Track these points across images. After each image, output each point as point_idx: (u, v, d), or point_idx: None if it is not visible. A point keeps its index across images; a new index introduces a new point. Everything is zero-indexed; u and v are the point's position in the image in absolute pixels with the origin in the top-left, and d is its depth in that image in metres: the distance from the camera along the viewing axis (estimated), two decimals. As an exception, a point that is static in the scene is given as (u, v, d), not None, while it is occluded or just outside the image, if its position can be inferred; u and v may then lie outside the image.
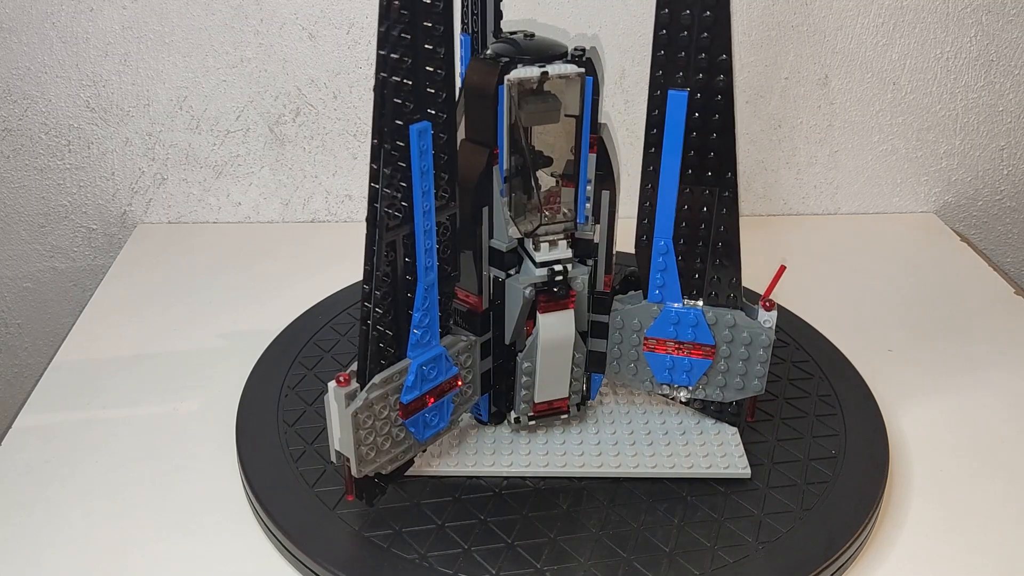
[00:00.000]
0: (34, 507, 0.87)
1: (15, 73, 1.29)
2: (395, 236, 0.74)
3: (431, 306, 0.79)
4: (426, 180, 0.74)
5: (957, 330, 1.17)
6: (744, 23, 1.32)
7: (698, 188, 0.82)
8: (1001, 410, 1.02)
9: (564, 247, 0.83)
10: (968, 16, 1.34)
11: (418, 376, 0.80)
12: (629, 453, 0.88)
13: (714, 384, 0.89)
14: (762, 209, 1.46)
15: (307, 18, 1.29)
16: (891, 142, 1.42)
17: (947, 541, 0.85)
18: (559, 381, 0.88)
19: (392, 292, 0.76)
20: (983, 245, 1.49)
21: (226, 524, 0.85)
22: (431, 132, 0.73)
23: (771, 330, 0.85)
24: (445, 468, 0.87)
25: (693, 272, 0.86)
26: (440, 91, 0.72)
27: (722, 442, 0.90)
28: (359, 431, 0.76)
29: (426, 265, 0.77)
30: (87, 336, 1.13)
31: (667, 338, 0.88)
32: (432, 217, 0.76)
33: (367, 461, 0.78)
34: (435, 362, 0.81)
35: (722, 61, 0.77)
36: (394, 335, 0.78)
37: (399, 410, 0.79)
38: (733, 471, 0.87)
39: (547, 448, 0.90)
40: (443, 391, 0.83)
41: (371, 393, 0.76)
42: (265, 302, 1.20)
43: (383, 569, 0.77)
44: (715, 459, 0.88)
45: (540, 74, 0.77)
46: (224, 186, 1.39)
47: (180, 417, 0.99)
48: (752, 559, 0.78)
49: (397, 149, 0.71)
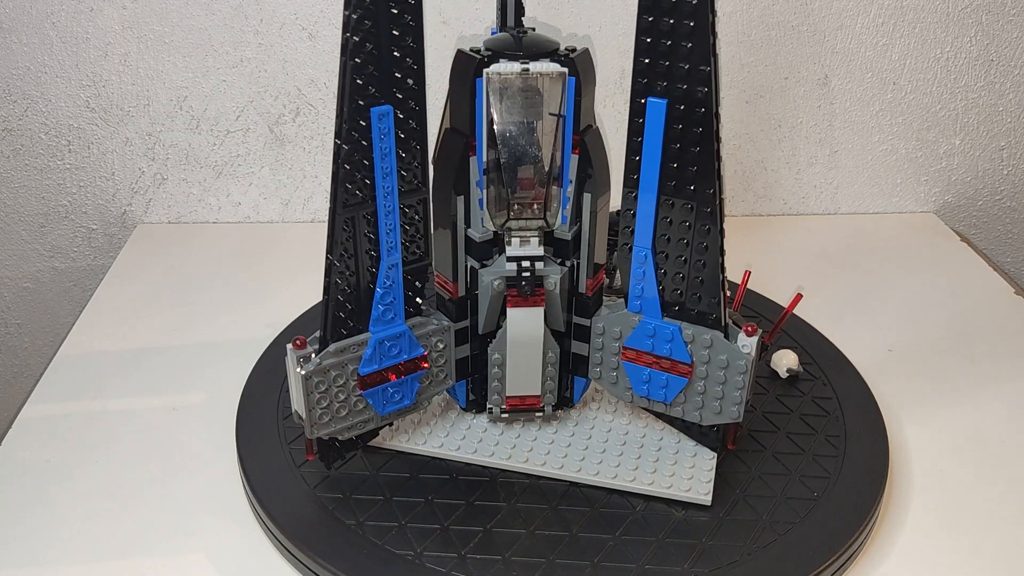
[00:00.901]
0: (34, 507, 0.87)
1: (15, 73, 1.29)
2: (354, 212, 0.78)
3: (395, 285, 0.82)
4: (387, 162, 0.77)
5: (957, 330, 1.17)
6: (744, 23, 1.32)
7: (678, 201, 0.80)
8: (1001, 410, 1.02)
9: (536, 244, 0.83)
10: (968, 16, 1.34)
11: (376, 350, 0.82)
12: (594, 460, 0.87)
13: (691, 404, 0.86)
14: (762, 209, 1.46)
15: (307, 18, 1.29)
16: (891, 142, 1.42)
17: (947, 541, 0.85)
18: (530, 378, 0.88)
19: (354, 266, 0.80)
20: (983, 245, 1.49)
21: (226, 524, 0.85)
22: (392, 116, 0.76)
23: (749, 356, 0.81)
24: (408, 444, 0.89)
25: (673, 287, 0.83)
26: (407, 78, 0.75)
27: (694, 464, 0.87)
28: (311, 394, 0.80)
29: (389, 245, 0.80)
30: (87, 336, 1.13)
31: (644, 350, 0.85)
32: (394, 199, 0.79)
33: (320, 424, 0.82)
34: (397, 339, 0.83)
35: (702, 71, 0.75)
36: (356, 308, 0.81)
37: (357, 381, 0.82)
38: (693, 496, 0.84)
39: (516, 442, 0.90)
40: (407, 370, 0.85)
41: (325, 359, 0.80)
42: (265, 302, 1.20)
43: (383, 569, 0.77)
44: (679, 481, 0.85)
45: (521, 70, 0.77)
46: (224, 186, 1.39)
47: (180, 417, 0.99)
48: (746, 561, 0.78)
49: (357, 129, 0.75)
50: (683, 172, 0.79)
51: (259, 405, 0.96)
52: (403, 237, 0.81)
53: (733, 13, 1.31)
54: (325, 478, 0.86)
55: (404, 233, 0.81)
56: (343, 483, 0.85)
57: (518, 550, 0.79)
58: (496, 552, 0.79)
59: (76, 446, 0.95)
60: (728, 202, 1.43)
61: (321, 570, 0.78)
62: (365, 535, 0.80)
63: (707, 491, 0.84)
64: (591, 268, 0.85)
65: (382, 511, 0.83)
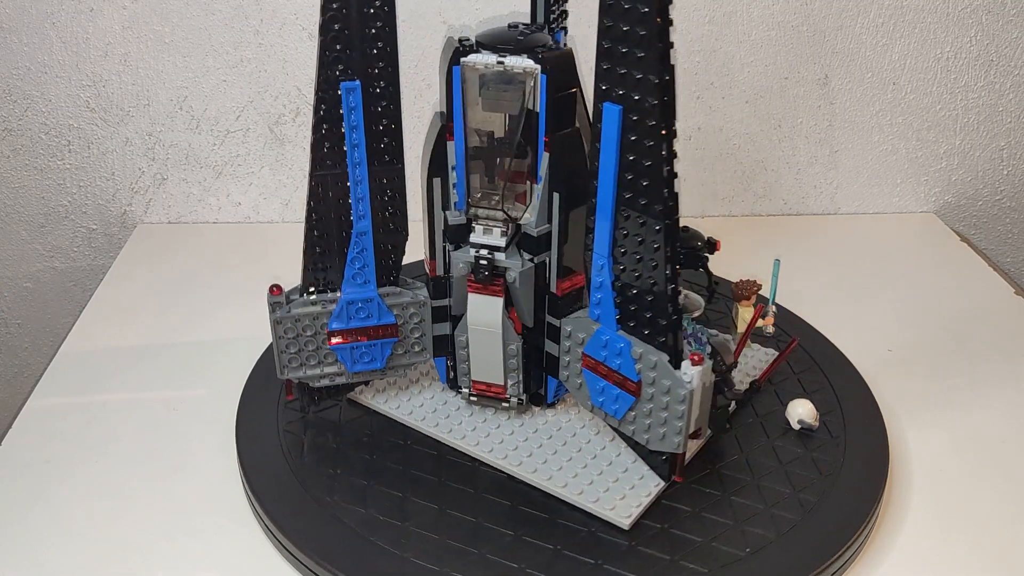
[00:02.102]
0: (34, 507, 0.87)
1: (15, 73, 1.29)
2: (325, 174, 0.84)
3: (365, 252, 0.87)
4: (356, 134, 0.82)
5: (957, 330, 1.17)
6: (744, 23, 1.32)
7: (632, 213, 0.78)
8: (1001, 410, 1.02)
9: (498, 235, 0.84)
10: (968, 16, 1.34)
11: (344, 310, 0.88)
12: (539, 459, 0.87)
13: (639, 426, 0.83)
14: (762, 209, 1.46)
15: (307, 18, 1.29)
16: (891, 142, 1.42)
17: (947, 541, 0.85)
18: (493, 366, 0.89)
19: (330, 227, 0.86)
20: (983, 245, 1.49)
21: (226, 524, 0.85)
22: (360, 91, 0.81)
23: (690, 386, 0.78)
24: (384, 405, 0.94)
25: (628, 301, 0.81)
26: (379, 60, 0.81)
27: (635, 487, 0.84)
28: (280, 338, 0.89)
29: (359, 213, 0.86)
30: (87, 336, 1.13)
31: (599, 360, 0.84)
32: (363, 170, 0.84)
33: (290, 368, 0.90)
34: (366, 304, 0.89)
35: (651, 82, 0.73)
36: (331, 266, 0.88)
37: (326, 335, 0.89)
38: (613, 516, 0.81)
39: (479, 426, 0.91)
40: (378, 335, 0.90)
41: (295, 308, 0.88)
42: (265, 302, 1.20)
43: (383, 569, 0.77)
44: (610, 498, 0.82)
45: (496, 63, 0.79)
46: (224, 186, 1.39)
47: (180, 417, 0.99)
48: (747, 561, 0.78)
49: (326, 101, 0.81)
50: (635, 184, 0.77)
51: (259, 405, 0.96)
52: (375, 208, 0.86)
53: (733, 13, 1.31)
54: (324, 475, 0.86)
55: (376, 204, 0.86)
56: (343, 482, 0.85)
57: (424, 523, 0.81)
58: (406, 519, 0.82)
59: (76, 446, 0.95)
60: (728, 202, 1.44)
61: (321, 570, 0.78)
62: (365, 535, 0.80)
63: (629, 515, 0.81)
64: (560, 269, 0.85)
65: (382, 511, 0.83)
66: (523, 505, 0.84)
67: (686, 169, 1.42)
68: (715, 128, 1.39)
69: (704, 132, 1.39)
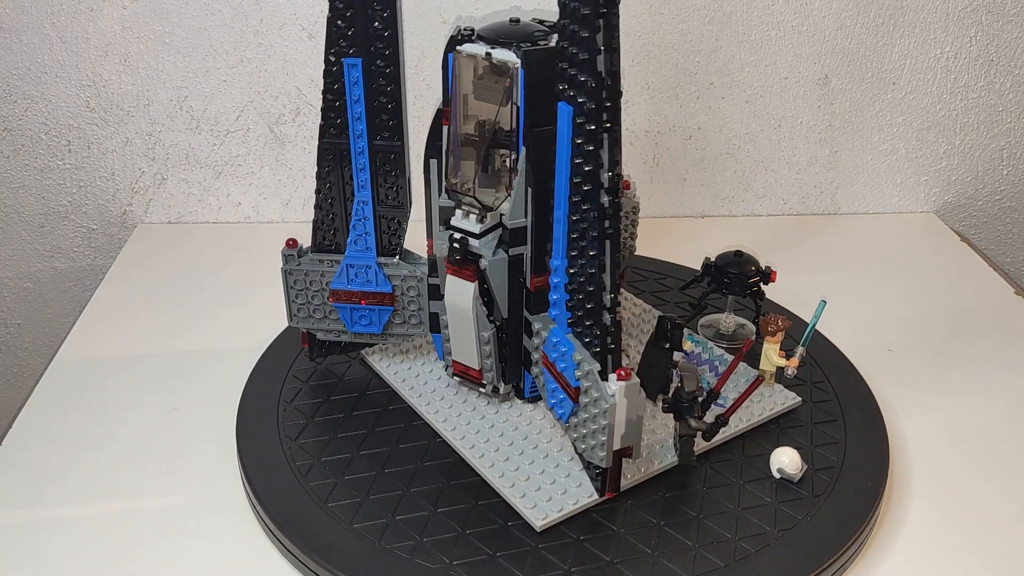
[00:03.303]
0: (34, 507, 0.87)
1: (15, 73, 1.29)
2: (331, 142, 0.91)
3: (365, 220, 0.93)
4: (357, 108, 0.88)
5: (957, 330, 1.17)
6: (744, 23, 1.32)
7: (578, 217, 0.77)
8: (1001, 410, 1.02)
9: (473, 221, 0.86)
10: (968, 16, 1.34)
11: (345, 272, 0.94)
12: (491, 447, 0.88)
13: (578, 433, 0.82)
14: (762, 209, 1.46)
15: (307, 18, 1.29)
16: (891, 142, 1.42)
17: (947, 541, 0.85)
18: (468, 350, 0.91)
19: (336, 193, 0.93)
20: (983, 245, 1.49)
21: (226, 524, 0.85)
22: (361, 68, 0.86)
23: (612, 400, 0.76)
24: (385, 370, 0.99)
25: (576, 306, 0.80)
26: (380, 40, 0.86)
27: (567, 492, 0.83)
28: (289, 288, 0.96)
29: (360, 183, 0.91)
30: (87, 336, 1.13)
31: (551, 360, 0.84)
32: (364, 142, 0.89)
33: (298, 317, 0.98)
34: (364, 270, 0.94)
35: (591, 85, 0.72)
36: (337, 228, 0.94)
37: (329, 293, 0.95)
38: (529, 515, 0.81)
39: (455, 404, 0.94)
40: (375, 301, 0.95)
41: (304, 263, 0.95)
42: (265, 302, 1.20)
43: (383, 569, 0.77)
44: (536, 497, 0.82)
45: (484, 54, 0.81)
46: (224, 186, 1.39)
47: (180, 417, 0.99)
48: (747, 561, 0.78)
49: (331, 75, 0.88)
50: (580, 188, 0.76)
51: (259, 405, 0.96)
52: (375, 181, 0.91)
53: (733, 13, 1.31)
54: (324, 474, 0.86)
55: (376, 177, 0.91)
56: (343, 483, 0.85)
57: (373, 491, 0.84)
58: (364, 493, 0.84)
59: (76, 446, 0.95)
60: (728, 202, 1.44)
61: (321, 570, 0.78)
62: (365, 534, 0.80)
63: (544, 517, 0.80)
64: (535, 264, 0.86)
65: (382, 510, 0.83)
66: (458, 486, 0.85)
67: (686, 169, 1.42)
68: (715, 128, 1.39)
69: (704, 132, 1.39)
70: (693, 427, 0.85)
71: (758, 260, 1.04)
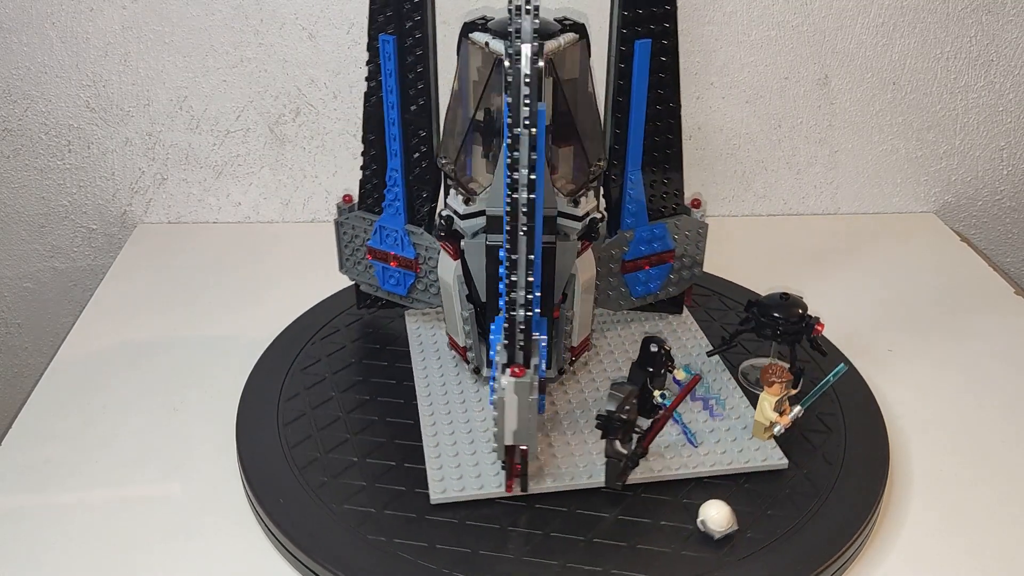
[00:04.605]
0: (34, 507, 0.87)
1: (15, 73, 1.29)
2: (372, 112, 0.97)
3: (397, 187, 0.99)
4: (390, 81, 0.94)
5: (957, 330, 1.17)
6: (744, 23, 1.32)
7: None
8: (1001, 410, 1.02)
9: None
10: (968, 16, 1.34)
11: (378, 231, 1.02)
12: (446, 419, 0.91)
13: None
14: (762, 209, 1.46)
15: (307, 18, 1.29)
16: (891, 142, 1.42)
17: (947, 541, 0.85)
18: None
19: (376, 160, 0.99)
20: (983, 245, 1.49)
21: (226, 524, 0.85)
22: (394, 43, 0.92)
23: (502, 395, 0.77)
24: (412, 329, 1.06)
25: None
26: (412, 21, 0.92)
27: (480, 476, 0.84)
28: (340, 238, 1.05)
29: (392, 151, 0.97)
30: (87, 336, 1.13)
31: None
32: (396, 113, 0.95)
33: (347, 267, 1.07)
34: (394, 233, 1.01)
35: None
36: (376, 194, 1.01)
37: (366, 248, 1.03)
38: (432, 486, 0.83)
39: (448, 379, 0.97)
40: (400, 264, 1.02)
41: (351, 218, 1.03)
42: (265, 302, 1.20)
43: (383, 569, 0.77)
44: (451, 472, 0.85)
45: (484, 44, 0.85)
46: (224, 186, 1.39)
47: (180, 417, 0.99)
48: (747, 561, 0.78)
49: (371, 49, 0.94)
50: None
51: (259, 405, 0.96)
52: (405, 150, 0.97)
53: (733, 13, 1.31)
54: (324, 474, 0.86)
55: (408, 147, 0.97)
56: (343, 483, 0.85)
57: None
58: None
59: (76, 446, 0.95)
60: (728, 202, 1.44)
61: (321, 570, 0.78)
62: (365, 535, 0.80)
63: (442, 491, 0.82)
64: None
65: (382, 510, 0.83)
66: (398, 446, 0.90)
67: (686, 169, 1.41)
68: (715, 128, 1.39)
69: (704, 132, 1.39)
70: (612, 451, 0.82)
71: (805, 303, 0.95)
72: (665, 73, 0.95)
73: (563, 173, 0.91)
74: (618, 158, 0.98)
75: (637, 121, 0.95)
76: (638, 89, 0.94)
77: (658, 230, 1.01)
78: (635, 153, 0.97)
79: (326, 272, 1.11)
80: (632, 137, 0.96)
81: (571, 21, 0.87)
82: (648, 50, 0.92)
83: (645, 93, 0.94)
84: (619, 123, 0.96)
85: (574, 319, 0.92)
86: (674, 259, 1.03)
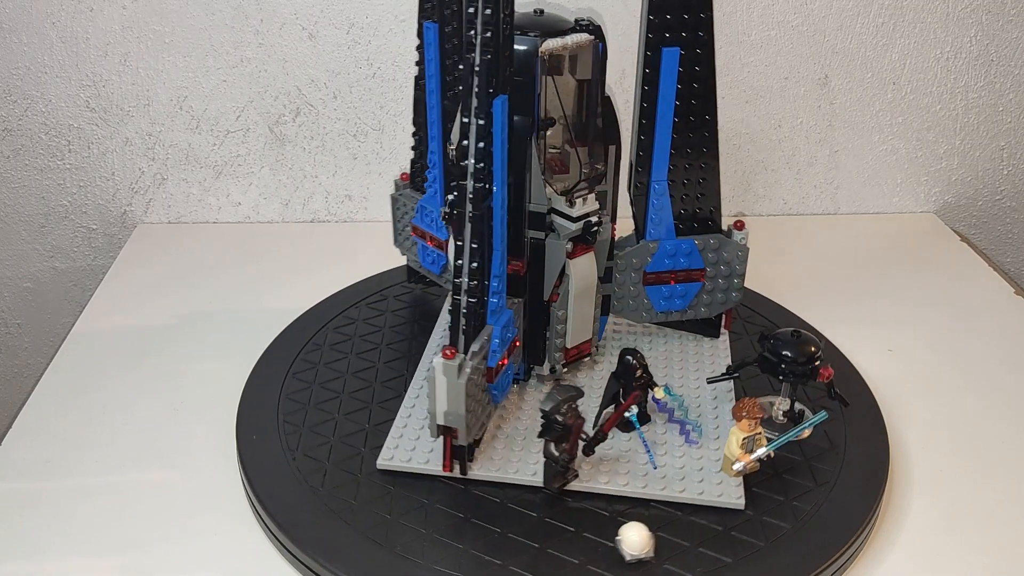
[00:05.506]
0: (34, 507, 0.87)
1: (15, 73, 1.29)
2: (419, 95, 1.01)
3: (435, 168, 1.01)
4: (431, 67, 0.97)
5: (957, 330, 1.17)
6: (744, 23, 1.32)
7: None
8: (1001, 410, 1.02)
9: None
10: (968, 16, 1.34)
11: (419, 210, 1.06)
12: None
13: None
14: (762, 209, 1.46)
15: (307, 18, 1.29)
16: (891, 142, 1.42)
17: (947, 541, 0.85)
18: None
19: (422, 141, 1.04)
20: (983, 245, 1.49)
21: (226, 524, 0.85)
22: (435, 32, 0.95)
23: (430, 373, 0.79)
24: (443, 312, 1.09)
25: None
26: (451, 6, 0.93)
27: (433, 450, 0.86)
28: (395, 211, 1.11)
29: (432, 135, 0.99)
30: (87, 336, 1.13)
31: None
32: (436, 98, 0.97)
33: (398, 242, 1.13)
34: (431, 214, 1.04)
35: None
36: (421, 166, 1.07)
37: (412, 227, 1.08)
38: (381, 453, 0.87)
39: None
40: (438, 244, 1.05)
41: (404, 196, 1.09)
42: (265, 302, 1.20)
43: (383, 569, 0.77)
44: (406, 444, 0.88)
45: None
46: (224, 186, 1.39)
47: (180, 417, 0.99)
48: (748, 561, 0.78)
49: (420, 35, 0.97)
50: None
51: (259, 405, 0.96)
52: (444, 136, 0.98)
53: (733, 13, 1.31)
54: (324, 473, 0.86)
55: (445, 132, 0.98)
56: (343, 483, 0.85)
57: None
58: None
59: (76, 446, 0.95)
60: (728, 202, 1.44)
61: (321, 569, 0.78)
62: (365, 534, 0.80)
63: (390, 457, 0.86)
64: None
65: (381, 510, 0.83)
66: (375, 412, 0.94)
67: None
68: (715, 128, 1.39)
69: (704, 132, 1.39)
70: (547, 452, 0.81)
71: (819, 342, 0.89)
72: (698, 84, 0.92)
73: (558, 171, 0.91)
74: (643, 166, 0.95)
75: (662, 130, 0.93)
76: (664, 98, 0.92)
77: (686, 245, 0.98)
78: (660, 163, 0.95)
79: (326, 272, 1.11)
80: (658, 146, 0.94)
81: (587, 21, 0.87)
82: (676, 58, 0.90)
83: (672, 102, 0.92)
84: (644, 130, 0.94)
85: (567, 320, 0.92)
86: (705, 279, 1.00)
